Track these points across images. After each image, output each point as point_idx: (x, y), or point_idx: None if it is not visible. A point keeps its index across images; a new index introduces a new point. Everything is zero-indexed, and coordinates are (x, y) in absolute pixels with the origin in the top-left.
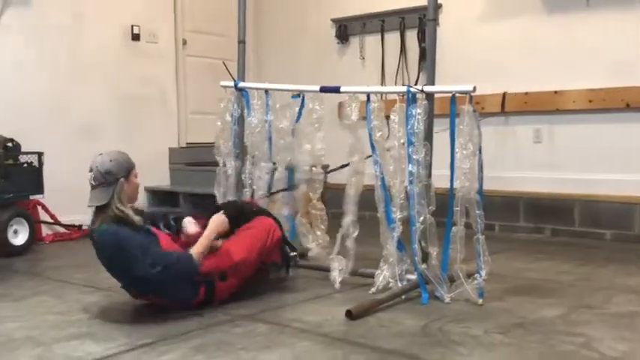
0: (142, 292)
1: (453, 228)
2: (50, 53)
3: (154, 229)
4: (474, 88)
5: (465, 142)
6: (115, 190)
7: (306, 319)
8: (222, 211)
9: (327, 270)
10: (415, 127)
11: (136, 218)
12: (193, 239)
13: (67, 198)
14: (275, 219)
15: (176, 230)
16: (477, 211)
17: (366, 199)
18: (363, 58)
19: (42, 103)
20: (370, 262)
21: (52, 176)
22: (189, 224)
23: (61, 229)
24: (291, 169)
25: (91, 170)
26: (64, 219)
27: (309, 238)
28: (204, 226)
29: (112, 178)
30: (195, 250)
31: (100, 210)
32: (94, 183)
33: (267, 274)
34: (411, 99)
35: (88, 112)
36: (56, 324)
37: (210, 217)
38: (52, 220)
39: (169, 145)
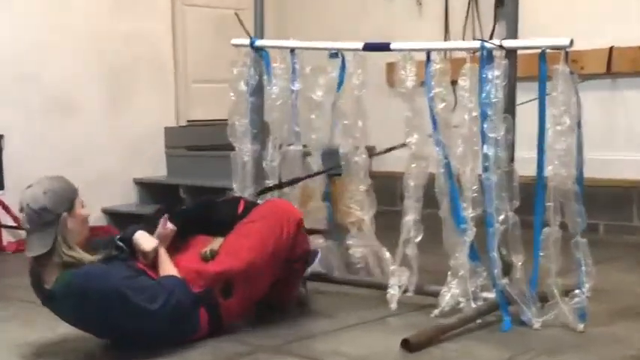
0: (140, 340)
1: (544, 229)
2: (10, 5)
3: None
4: (571, 42)
5: (559, 114)
6: (58, 231)
7: (348, 351)
8: (165, 218)
9: (381, 287)
10: (492, 96)
11: (92, 258)
12: (154, 258)
13: None
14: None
15: (129, 253)
16: (576, 207)
17: (426, 192)
18: (420, 4)
19: (2, 72)
20: (432, 275)
21: (15, 165)
22: (143, 239)
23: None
24: (327, 154)
25: (20, 210)
26: None
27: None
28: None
29: (51, 216)
30: (172, 273)
31: (43, 261)
32: (28, 227)
33: (302, 291)
34: (486, 58)
35: (60, 81)
36: (24, 359)
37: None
38: (14, 224)
39: (165, 123)
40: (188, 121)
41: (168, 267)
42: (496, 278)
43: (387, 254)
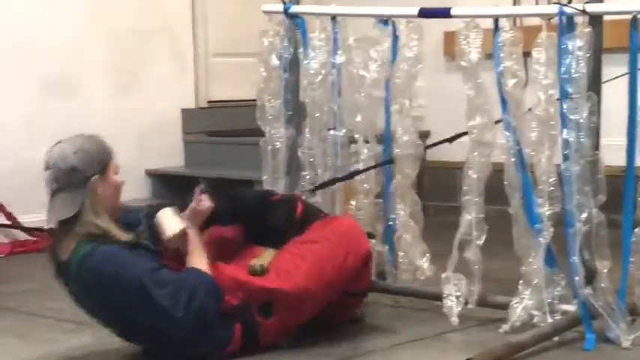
0: (157, 343)
1: (636, 230)
2: None
3: None
4: None
5: None
6: (87, 196)
7: None
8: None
9: (434, 297)
10: (572, 70)
11: (124, 236)
12: (180, 245)
13: (32, 187)
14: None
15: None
16: None
17: (490, 186)
18: None
19: None
20: (501, 284)
21: (8, 155)
22: (167, 220)
23: (23, 236)
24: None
25: (47, 168)
26: (25, 220)
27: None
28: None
29: (80, 177)
30: (200, 266)
31: (64, 228)
32: (53, 187)
33: (357, 312)
34: (565, 25)
35: (60, 58)
36: None
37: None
38: (7, 222)
39: (182, 105)
40: (209, 102)
41: (196, 257)
42: (577, 287)
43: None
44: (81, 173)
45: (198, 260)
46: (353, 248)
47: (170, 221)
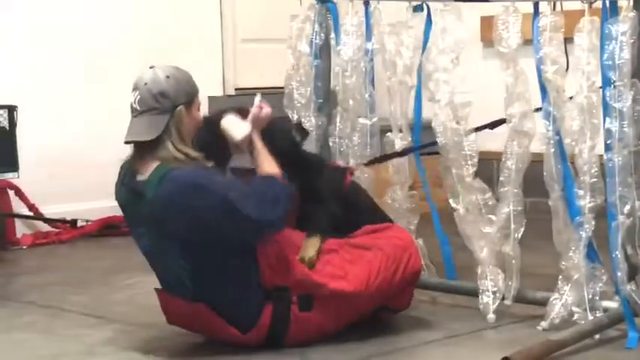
0: (199, 290)
1: None
2: None
3: None
4: None
5: None
6: (172, 122)
7: None
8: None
9: (470, 293)
10: (616, 57)
11: (203, 160)
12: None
13: (55, 178)
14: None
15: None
16: None
17: (528, 177)
18: None
19: (14, 29)
20: (539, 280)
21: (31, 144)
22: (234, 125)
23: (46, 227)
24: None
25: (135, 88)
26: (48, 211)
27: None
28: None
29: (168, 103)
30: (271, 170)
31: (143, 152)
32: (138, 108)
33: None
34: (608, 9)
35: (86, 43)
36: None
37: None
38: (30, 213)
39: (210, 92)
40: (237, 89)
41: (266, 163)
42: (620, 283)
43: None
44: (170, 100)
45: (268, 165)
46: (404, 265)
47: (237, 125)
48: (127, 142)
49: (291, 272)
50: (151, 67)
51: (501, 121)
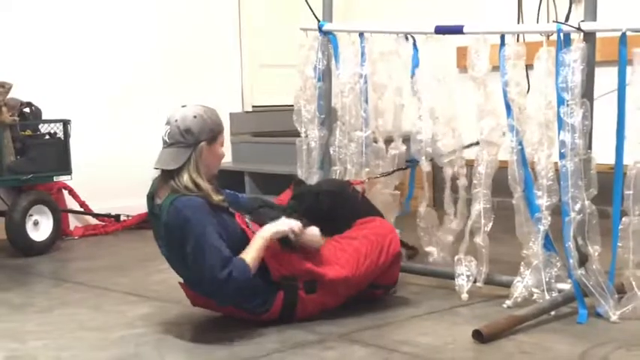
0: (206, 293)
1: (623, 219)
2: None
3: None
4: None
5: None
6: (193, 155)
7: (420, 341)
8: (291, 208)
9: (448, 276)
10: (569, 80)
11: (215, 197)
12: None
13: (101, 179)
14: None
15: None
16: None
17: (496, 180)
18: None
19: (68, 56)
20: (505, 265)
21: (82, 151)
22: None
23: (93, 221)
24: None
25: (167, 123)
26: (96, 207)
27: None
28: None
29: (192, 139)
30: (247, 257)
31: (166, 177)
32: (167, 140)
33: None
34: (562, 41)
35: (126, 67)
36: (93, 343)
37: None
38: (81, 209)
39: (230, 109)
40: (254, 106)
41: (248, 254)
42: (572, 269)
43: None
44: (193, 136)
45: (251, 254)
46: (386, 248)
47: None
48: (155, 168)
49: (295, 266)
50: (182, 106)
51: (471, 145)
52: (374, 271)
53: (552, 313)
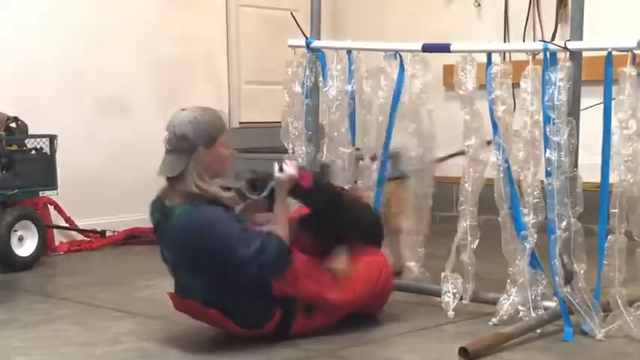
0: (212, 300)
1: (609, 237)
2: (64, 8)
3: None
4: (639, 44)
5: (625, 118)
6: (191, 161)
7: (406, 358)
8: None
9: (434, 293)
10: (555, 99)
11: (225, 194)
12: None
13: (87, 195)
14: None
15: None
16: None
17: (482, 198)
18: (479, 5)
19: (54, 71)
20: (491, 283)
21: (68, 166)
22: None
23: (79, 236)
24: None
25: (166, 130)
26: (81, 222)
27: (410, 253)
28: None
29: (189, 144)
30: (281, 233)
31: (171, 184)
32: (167, 147)
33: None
34: (549, 60)
35: (113, 82)
36: (77, 358)
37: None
38: (67, 225)
39: None
40: (241, 122)
41: (280, 223)
42: (558, 286)
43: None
44: (189, 142)
45: (282, 224)
46: (382, 281)
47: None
48: (158, 175)
49: (297, 283)
50: (182, 110)
51: (455, 154)
52: (367, 297)
53: (538, 330)
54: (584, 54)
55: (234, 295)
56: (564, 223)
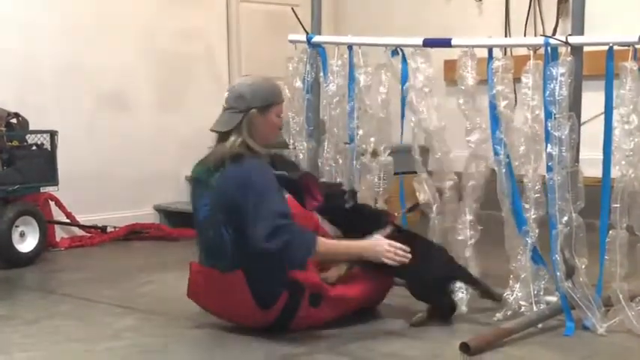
0: (237, 261)
1: (610, 232)
2: (64, 4)
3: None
4: None
5: (627, 112)
6: (244, 120)
7: (407, 354)
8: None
9: None
10: (556, 94)
11: (266, 157)
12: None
13: (88, 191)
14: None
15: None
16: None
17: (484, 193)
18: (480, 0)
19: (55, 67)
20: (493, 279)
21: (69, 162)
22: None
23: (80, 232)
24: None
25: (227, 90)
26: (82, 218)
27: None
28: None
29: (244, 105)
30: (323, 242)
31: (221, 138)
32: (225, 105)
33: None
34: (550, 55)
35: (114, 78)
36: (79, 355)
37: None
38: (68, 220)
39: None
40: None
41: (327, 241)
42: (559, 281)
43: None
44: (245, 102)
45: (326, 243)
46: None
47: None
48: (211, 130)
49: (309, 274)
50: (246, 75)
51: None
52: (372, 293)
53: (540, 325)
54: (585, 49)
55: (257, 256)
56: (565, 218)
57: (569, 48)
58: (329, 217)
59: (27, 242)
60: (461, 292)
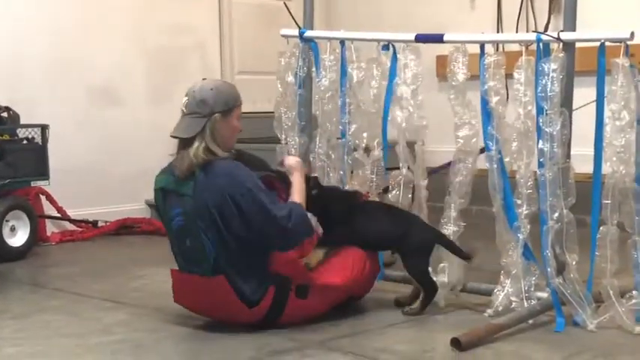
0: (221, 264)
1: (601, 228)
2: None
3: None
4: (632, 35)
5: (618, 109)
6: (207, 126)
7: (398, 348)
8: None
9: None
10: (548, 90)
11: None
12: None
13: (79, 185)
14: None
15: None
16: (635, 206)
17: (476, 189)
18: None
19: (45, 61)
20: (485, 274)
21: (60, 156)
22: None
23: (71, 227)
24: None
25: (186, 95)
26: (73, 213)
27: None
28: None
29: (207, 110)
30: (298, 200)
31: (183, 144)
32: (185, 110)
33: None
34: (542, 51)
35: (105, 72)
36: (69, 350)
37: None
38: (59, 215)
39: None
40: None
41: (297, 194)
42: (550, 277)
43: None
44: (208, 107)
45: (298, 195)
46: (369, 263)
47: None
48: (172, 136)
49: (295, 264)
50: (203, 79)
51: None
52: (358, 280)
53: (530, 321)
54: (577, 45)
55: (241, 256)
56: (556, 214)
57: (561, 44)
58: None
59: (18, 236)
60: (442, 287)
